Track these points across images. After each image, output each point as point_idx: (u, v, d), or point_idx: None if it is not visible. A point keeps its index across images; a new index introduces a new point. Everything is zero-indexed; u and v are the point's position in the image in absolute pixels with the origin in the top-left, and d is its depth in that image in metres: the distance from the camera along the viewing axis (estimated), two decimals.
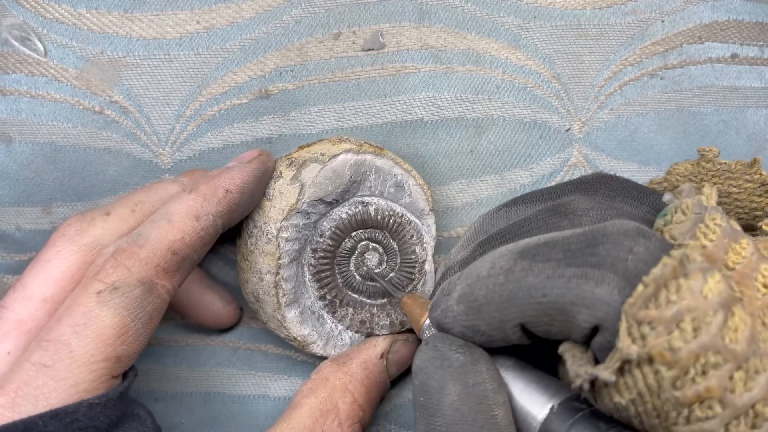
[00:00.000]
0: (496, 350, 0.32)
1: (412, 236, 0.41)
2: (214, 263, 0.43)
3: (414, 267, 0.41)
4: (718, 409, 0.25)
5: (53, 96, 0.40)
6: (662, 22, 0.42)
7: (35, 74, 0.40)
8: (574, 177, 0.43)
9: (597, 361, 0.28)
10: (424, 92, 0.42)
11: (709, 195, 0.30)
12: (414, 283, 0.41)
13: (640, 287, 0.25)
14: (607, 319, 0.26)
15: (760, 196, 0.36)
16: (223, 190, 0.36)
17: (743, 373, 0.25)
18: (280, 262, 0.38)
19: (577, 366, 0.27)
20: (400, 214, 0.40)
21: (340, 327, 0.41)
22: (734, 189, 0.36)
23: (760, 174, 0.36)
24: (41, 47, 0.40)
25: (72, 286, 0.34)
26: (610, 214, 0.33)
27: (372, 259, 0.41)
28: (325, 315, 0.41)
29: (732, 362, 0.25)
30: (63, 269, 0.34)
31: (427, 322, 0.35)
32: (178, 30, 0.40)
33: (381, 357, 0.40)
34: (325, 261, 0.40)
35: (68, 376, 0.30)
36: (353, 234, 0.40)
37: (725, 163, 0.36)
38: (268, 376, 0.44)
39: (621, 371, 0.26)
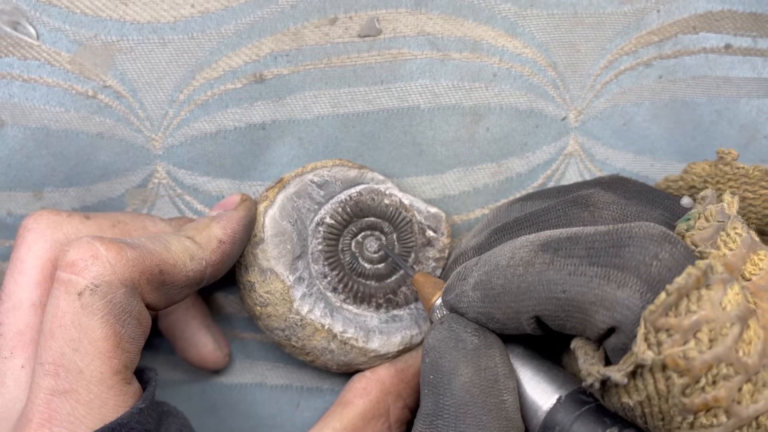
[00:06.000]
0: (505, 337, 0.32)
1: (373, 199, 0.40)
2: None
3: (400, 213, 0.41)
4: (723, 418, 0.25)
5: (46, 80, 0.39)
6: (657, 11, 0.42)
7: (28, 58, 0.39)
8: (570, 166, 0.43)
9: (607, 360, 0.28)
10: (420, 79, 0.41)
11: (731, 203, 0.30)
12: (413, 220, 0.41)
13: (662, 295, 0.25)
14: (625, 322, 0.26)
15: None
16: (216, 241, 0.36)
17: (751, 386, 0.26)
18: (324, 324, 0.39)
19: (588, 365, 0.27)
20: (346, 198, 0.40)
21: (403, 311, 0.41)
22: (749, 194, 0.36)
23: None
24: (33, 31, 0.39)
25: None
26: (630, 210, 0.33)
27: (372, 245, 0.41)
28: (387, 318, 0.41)
29: (743, 374, 0.25)
30: (39, 268, 0.34)
31: (438, 301, 0.35)
32: (173, 14, 0.40)
33: None
34: (349, 287, 0.40)
35: (92, 398, 0.30)
36: (344, 249, 0.40)
37: (743, 168, 0.36)
38: (265, 365, 0.44)
39: (633, 374, 0.26)
